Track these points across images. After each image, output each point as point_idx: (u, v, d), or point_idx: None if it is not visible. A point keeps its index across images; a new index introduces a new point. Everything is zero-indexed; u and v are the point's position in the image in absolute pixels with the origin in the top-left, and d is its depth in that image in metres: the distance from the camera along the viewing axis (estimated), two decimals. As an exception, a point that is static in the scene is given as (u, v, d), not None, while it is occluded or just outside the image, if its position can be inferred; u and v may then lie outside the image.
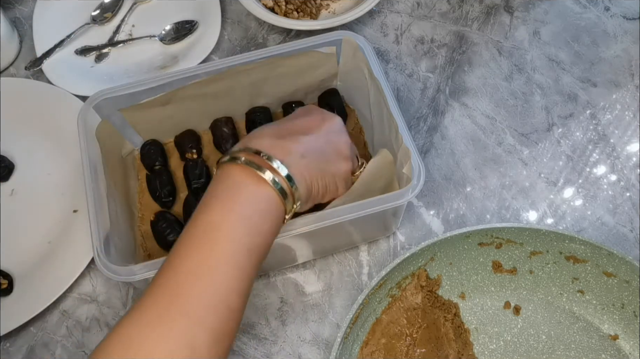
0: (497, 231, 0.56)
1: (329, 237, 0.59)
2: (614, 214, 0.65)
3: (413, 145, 0.53)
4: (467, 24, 0.79)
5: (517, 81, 0.74)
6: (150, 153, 0.65)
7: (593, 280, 0.57)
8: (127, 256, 0.56)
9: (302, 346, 0.58)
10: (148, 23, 0.80)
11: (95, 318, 0.60)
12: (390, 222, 0.62)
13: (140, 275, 0.50)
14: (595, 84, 0.73)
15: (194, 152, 0.65)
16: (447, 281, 0.59)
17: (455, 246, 0.57)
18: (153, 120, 0.64)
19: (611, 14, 0.79)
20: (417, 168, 0.53)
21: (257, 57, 0.61)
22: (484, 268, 0.59)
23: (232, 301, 0.40)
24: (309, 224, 0.51)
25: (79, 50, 0.77)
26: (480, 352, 0.57)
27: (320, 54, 0.63)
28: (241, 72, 0.61)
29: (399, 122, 0.55)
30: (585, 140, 0.70)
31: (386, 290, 0.56)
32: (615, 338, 0.57)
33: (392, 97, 0.57)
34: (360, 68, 0.62)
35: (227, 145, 0.65)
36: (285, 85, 0.65)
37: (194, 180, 0.63)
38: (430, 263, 0.57)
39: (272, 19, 0.75)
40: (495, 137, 0.70)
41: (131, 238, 0.60)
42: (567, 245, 0.56)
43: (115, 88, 0.59)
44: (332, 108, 0.66)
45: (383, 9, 0.81)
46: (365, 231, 0.62)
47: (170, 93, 0.61)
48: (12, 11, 0.82)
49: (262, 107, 0.67)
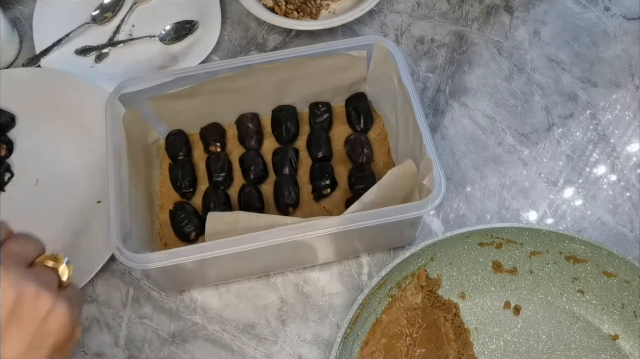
0: (497, 231, 0.56)
1: (343, 242, 0.59)
2: (614, 214, 0.65)
3: (436, 157, 0.53)
4: (467, 24, 0.79)
5: (517, 81, 0.74)
6: (175, 143, 0.65)
7: (593, 280, 0.57)
8: (144, 244, 0.57)
9: (302, 346, 0.58)
10: (148, 23, 0.80)
11: (95, 318, 0.60)
12: (407, 232, 0.61)
13: (156, 263, 0.50)
14: (595, 84, 0.73)
15: (217, 145, 0.66)
16: (447, 281, 0.59)
17: (456, 246, 0.57)
18: (180, 111, 0.65)
19: (611, 14, 0.79)
20: (439, 180, 0.52)
21: (288, 55, 0.61)
22: (484, 268, 0.59)
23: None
24: (317, 228, 0.51)
25: (79, 50, 0.77)
26: (480, 352, 0.57)
27: (350, 56, 0.63)
28: (269, 70, 0.62)
29: (423, 132, 0.55)
30: (585, 140, 0.70)
31: (386, 289, 0.56)
32: (616, 338, 0.57)
33: (419, 106, 0.57)
34: (390, 74, 0.62)
35: (251, 141, 0.66)
36: (312, 85, 0.66)
37: (215, 173, 0.63)
38: (430, 263, 0.57)
39: (272, 19, 0.75)
40: (495, 137, 0.70)
41: (149, 226, 0.61)
42: (567, 245, 0.56)
43: (142, 78, 0.61)
44: (359, 112, 0.66)
45: (383, 9, 0.81)
46: (379, 240, 0.61)
47: (198, 86, 0.62)
48: (12, 11, 0.82)
49: (288, 105, 0.67)
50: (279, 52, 0.61)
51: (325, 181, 0.62)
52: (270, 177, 0.65)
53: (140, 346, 0.59)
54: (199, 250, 0.51)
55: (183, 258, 0.51)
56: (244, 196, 0.62)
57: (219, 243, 0.51)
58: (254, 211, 0.60)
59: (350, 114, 0.67)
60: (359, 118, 0.66)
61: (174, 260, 0.51)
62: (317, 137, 0.66)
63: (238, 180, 0.65)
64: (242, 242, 0.51)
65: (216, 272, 0.59)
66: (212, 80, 0.61)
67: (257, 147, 0.66)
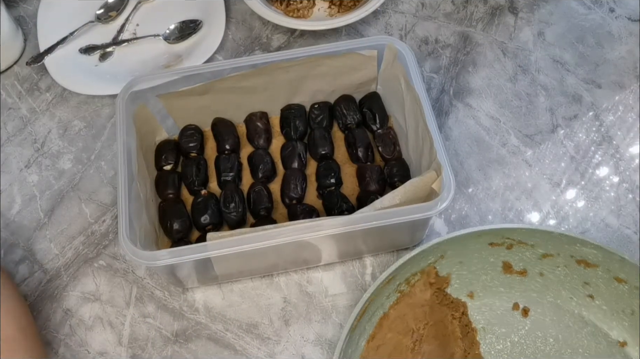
0: (508, 232, 0.56)
1: (348, 243, 0.59)
2: (618, 216, 0.65)
3: (447, 160, 0.53)
4: (472, 25, 0.79)
5: (521, 82, 0.74)
6: (190, 139, 0.65)
7: (603, 285, 0.57)
8: (151, 242, 0.57)
9: (305, 346, 0.58)
10: (152, 22, 0.80)
11: (98, 316, 0.61)
12: (414, 234, 0.61)
13: (163, 261, 0.51)
14: (600, 85, 0.73)
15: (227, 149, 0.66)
16: (456, 280, 0.59)
17: (466, 245, 0.57)
18: (190, 109, 0.65)
19: (616, 15, 0.79)
20: (448, 182, 0.53)
21: (299, 55, 0.62)
22: (494, 269, 0.59)
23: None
24: (326, 228, 0.51)
25: (83, 49, 0.77)
26: (487, 352, 0.57)
27: (362, 56, 0.63)
28: (280, 69, 0.62)
29: (434, 135, 0.55)
30: (589, 141, 0.70)
31: (395, 285, 0.56)
32: (624, 345, 0.57)
33: (430, 108, 0.57)
34: (397, 76, 0.62)
35: (259, 139, 0.66)
36: (323, 84, 0.66)
37: (225, 173, 0.63)
38: (440, 260, 0.57)
39: (276, 19, 0.75)
40: (500, 138, 0.70)
41: (157, 223, 0.61)
42: (578, 248, 0.56)
43: (154, 74, 0.61)
44: (374, 112, 0.66)
45: (387, 9, 0.81)
46: (385, 241, 0.61)
47: (208, 84, 0.62)
48: (17, 9, 0.83)
49: (298, 104, 0.67)
50: (293, 51, 0.62)
51: (331, 180, 0.63)
52: (279, 175, 0.65)
53: (143, 345, 0.59)
54: (204, 249, 0.51)
55: (189, 257, 0.51)
56: (253, 194, 0.62)
57: (224, 242, 0.51)
58: (263, 211, 0.61)
59: (366, 114, 0.67)
60: (375, 118, 0.66)
61: (179, 258, 0.51)
62: (320, 136, 0.66)
63: (247, 178, 0.65)
64: (247, 241, 0.51)
65: (223, 270, 0.59)
66: (223, 78, 0.62)
67: (266, 146, 0.67)
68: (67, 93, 0.75)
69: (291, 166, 0.64)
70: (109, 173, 0.69)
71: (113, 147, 0.71)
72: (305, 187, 0.63)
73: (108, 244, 0.65)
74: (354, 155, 0.65)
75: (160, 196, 0.63)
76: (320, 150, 0.65)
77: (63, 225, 0.66)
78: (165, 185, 0.63)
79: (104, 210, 0.67)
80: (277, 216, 0.63)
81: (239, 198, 0.62)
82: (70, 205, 0.67)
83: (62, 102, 0.75)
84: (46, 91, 0.75)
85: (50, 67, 0.74)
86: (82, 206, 0.67)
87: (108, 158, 0.70)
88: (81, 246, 0.64)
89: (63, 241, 0.65)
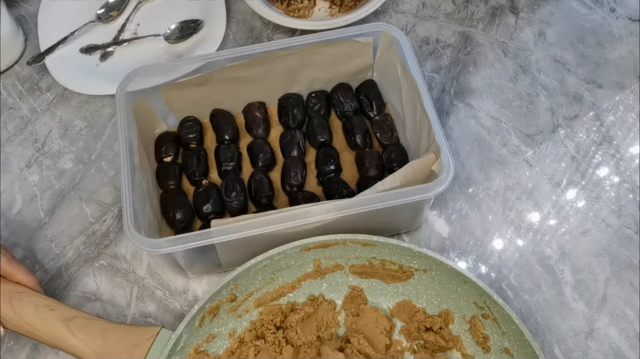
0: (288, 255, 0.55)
1: (352, 226, 0.58)
2: (619, 216, 0.65)
3: (445, 141, 0.54)
4: (473, 25, 0.79)
5: (522, 82, 0.74)
6: (190, 130, 0.66)
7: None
8: (155, 233, 0.58)
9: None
10: (153, 22, 0.80)
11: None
12: (415, 217, 0.62)
13: (165, 249, 0.51)
14: (601, 85, 0.73)
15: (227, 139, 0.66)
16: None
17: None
18: (188, 100, 0.65)
19: (617, 15, 0.79)
20: (447, 163, 0.53)
21: (296, 43, 0.62)
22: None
23: None
24: (329, 212, 0.52)
25: (84, 48, 0.77)
26: None
27: (358, 43, 0.64)
28: (278, 58, 0.63)
29: (432, 118, 0.56)
30: (590, 141, 0.70)
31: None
32: None
33: (427, 93, 0.58)
34: (394, 62, 0.62)
35: (258, 129, 0.66)
36: (319, 73, 0.67)
37: (225, 162, 0.64)
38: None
39: (276, 19, 0.75)
40: (500, 138, 0.70)
41: (159, 215, 0.61)
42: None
43: (153, 66, 0.62)
44: (370, 100, 0.67)
45: (388, 9, 0.81)
46: (387, 223, 0.61)
47: (206, 75, 0.62)
48: (17, 9, 0.83)
49: (295, 93, 0.68)
50: (290, 40, 0.63)
51: (330, 166, 0.63)
52: (279, 164, 0.66)
53: (144, 345, 0.59)
54: (209, 235, 0.52)
55: (194, 243, 0.52)
56: (254, 183, 0.63)
57: (229, 227, 0.52)
58: (265, 199, 0.62)
59: (362, 102, 0.67)
60: (372, 105, 0.67)
61: (185, 245, 0.51)
62: (318, 124, 0.66)
63: (247, 168, 0.65)
64: (252, 226, 0.52)
65: (227, 257, 0.59)
66: (221, 69, 0.62)
67: (265, 135, 0.67)
68: (68, 93, 0.75)
69: (291, 154, 0.65)
70: (109, 173, 0.69)
71: (114, 147, 0.71)
72: (305, 174, 0.64)
73: (109, 244, 0.65)
74: (352, 142, 0.66)
75: (161, 188, 0.64)
76: (319, 137, 0.65)
77: (64, 225, 0.66)
78: (166, 176, 0.63)
79: (104, 210, 0.67)
80: (278, 204, 0.63)
81: (240, 187, 0.62)
82: (71, 204, 0.67)
83: (62, 101, 0.75)
84: (47, 91, 0.75)
85: (51, 67, 0.74)
86: (83, 206, 0.67)
87: (109, 157, 0.70)
88: (82, 246, 0.65)
89: (64, 241, 0.65)
